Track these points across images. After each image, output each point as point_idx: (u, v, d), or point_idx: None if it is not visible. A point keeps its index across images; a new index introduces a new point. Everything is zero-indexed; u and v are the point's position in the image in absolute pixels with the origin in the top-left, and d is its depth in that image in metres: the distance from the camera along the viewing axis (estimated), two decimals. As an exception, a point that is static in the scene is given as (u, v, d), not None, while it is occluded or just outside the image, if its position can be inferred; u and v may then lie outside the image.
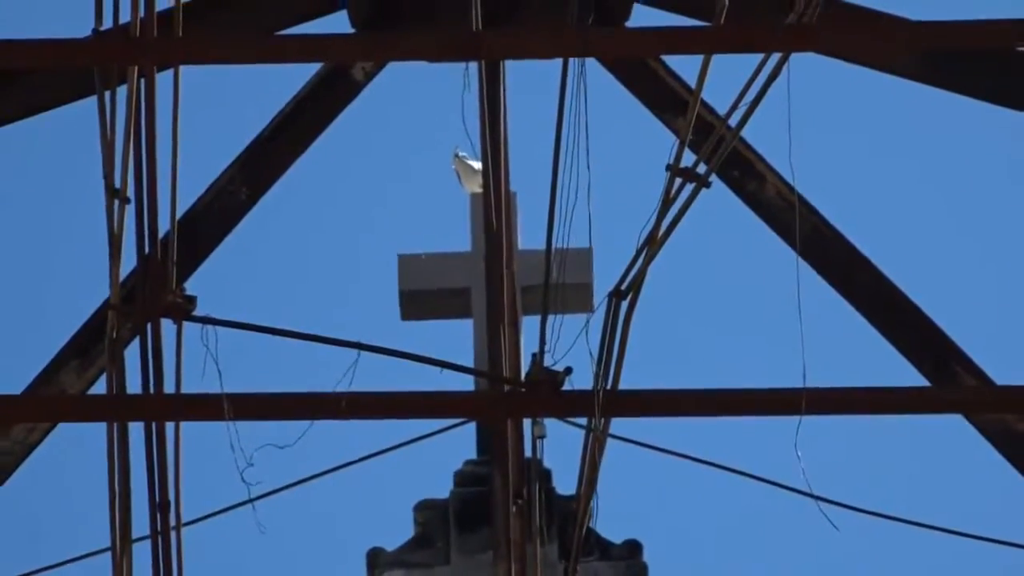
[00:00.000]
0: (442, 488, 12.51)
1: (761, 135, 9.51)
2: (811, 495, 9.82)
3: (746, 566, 15.54)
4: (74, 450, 9.86)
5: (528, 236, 10.55)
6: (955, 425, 9.94)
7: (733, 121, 9.23)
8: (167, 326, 9.34)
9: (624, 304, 9.30)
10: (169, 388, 9.39)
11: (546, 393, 9.62)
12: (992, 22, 9.51)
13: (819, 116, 9.80)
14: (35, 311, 10.60)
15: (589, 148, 9.43)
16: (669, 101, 9.89)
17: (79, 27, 9.24)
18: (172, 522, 9.63)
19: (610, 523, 11.94)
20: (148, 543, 9.65)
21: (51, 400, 9.67)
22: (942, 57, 10.05)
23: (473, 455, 12.21)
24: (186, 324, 9.36)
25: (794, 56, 9.07)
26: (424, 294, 11.99)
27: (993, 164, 10.94)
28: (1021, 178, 11.00)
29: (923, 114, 10.59)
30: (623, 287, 9.30)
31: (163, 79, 8.98)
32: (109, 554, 9.60)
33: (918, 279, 9.90)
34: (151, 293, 9.21)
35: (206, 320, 9.37)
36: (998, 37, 9.66)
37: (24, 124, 10.25)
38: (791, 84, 9.10)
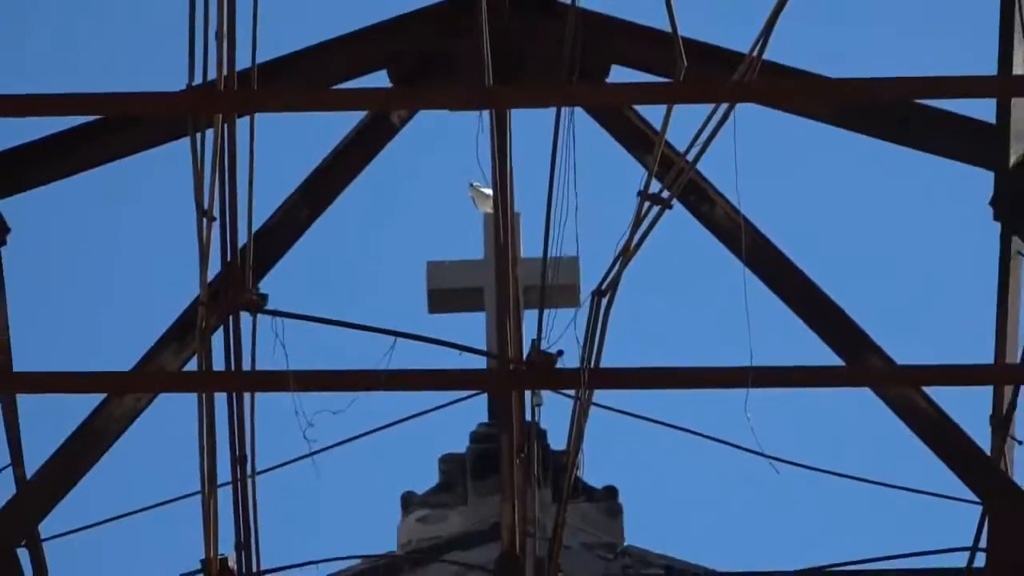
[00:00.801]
0: (461, 444, 12.72)
1: (713, 167, 9.51)
2: (757, 452, 9.72)
3: (702, 506, 15.49)
4: (172, 415, 9.86)
5: (529, 247, 10.62)
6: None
7: (690, 156, 9.20)
8: (245, 318, 9.42)
9: (604, 301, 9.34)
10: (246, 366, 9.46)
11: (543, 371, 9.74)
12: (888, 79, 9.39)
13: (759, 153, 9.89)
14: (143, 306, 10.45)
15: (577, 178, 9.44)
16: (639, 141, 9.87)
17: (174, 81, 9.07)
18: (248, 472, 9.68)
19: (593, 472, 11.99)
20: (229, 488, 9.61)
21: (155, 375, 9.71)
22: (852, 106, 10.07)
23: (485, 419, 12.29)
24: (259, 316, 9.44)
25: (739, 105, 9.01)
26: (446, 292, 12.13)
27: (893, 188, 10.84)
28: (915, 201, 10.85)
29: (838, 151, 10.55)
30: (603, 287, 9.35)
31: (243, 122, 9.00)
32: (199, 497, 9.47)
33: (835, 281, 9.87)
34: (232, 292, 9.32)
35: (275, 313, 9.46)
36: (893, 91, 9.53)
37: (134, 159, 10.22)
38: (736, 127, 9.03)
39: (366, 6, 10.66)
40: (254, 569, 9.69)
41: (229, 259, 9.27)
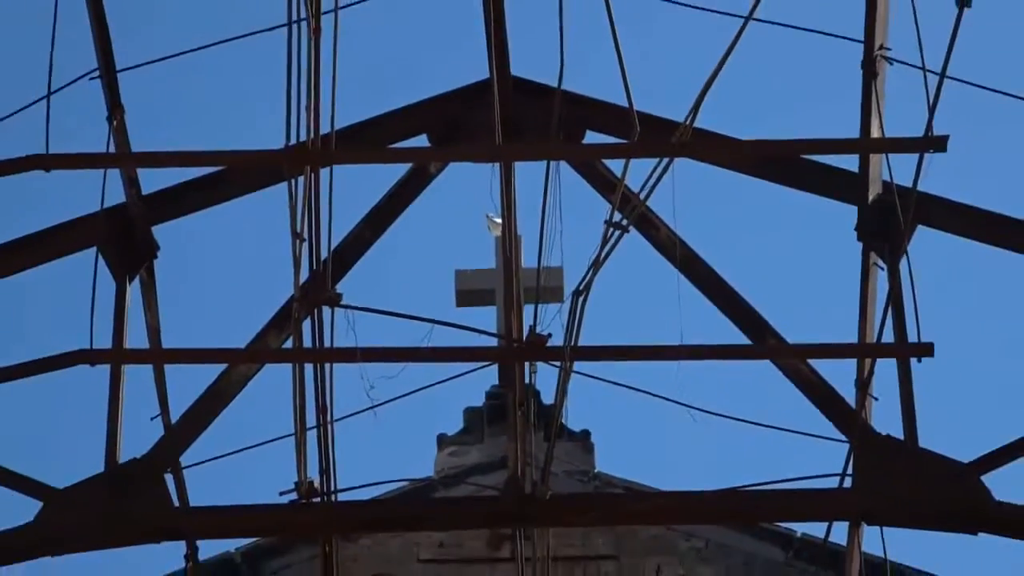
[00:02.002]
0: (479, 400, 12.99)
1: (657, 203, 9.51)
2: (687, 405, 9.76)
3: (651, 444, 15.60)
4: (274, 379, 9.88)
5: (527, 260, 10.65)
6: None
7: (642, 195, 9.29)
8: (325, 311, 9.36)
9: (580, 299, 9.33)
10: (326, 344, 9.41)
11: (537, 348, 9.73)
12: (782, 140, 9.71)
13: (691, 192, 9.99)
14: (255, 302, 10.51)
15: (561, 210, 9.60)
16: (606, 184, 9.91)
17: (275, 141, 9.08)
18: (328, 419, 9.62)
19: (573, 420, 12.17)
20: (314, 432, 9.55)
21: (262, 351, 9.79)
22: (757, 159, 10.12)
23: (496, 382, 12.58)
24: (336, 309, 9.37)
25: (677, 159, 9.09)
26: (469, 292, 12.41)
27: (790, 218, 10.92)
28: (805, 227, 10.90)
29: (753, 191, 10.56)
30: (580, 289, 9.34)
31: (324, 171, 8.98)
32: (292, 438, 9.48)
33: (744, 282, 9.94)
34: (316, 292, 9.30)
35: (346, 306, 9.37)
36: (786, 149, 9.84)
37: (247, 198, 10.28)
38: (675, 175, 9.11)
39: (412, 90, 10.42)
40: (332, 488, 9.68)
41: (314, 268, 9.23)
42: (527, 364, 10.48)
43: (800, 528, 12.03)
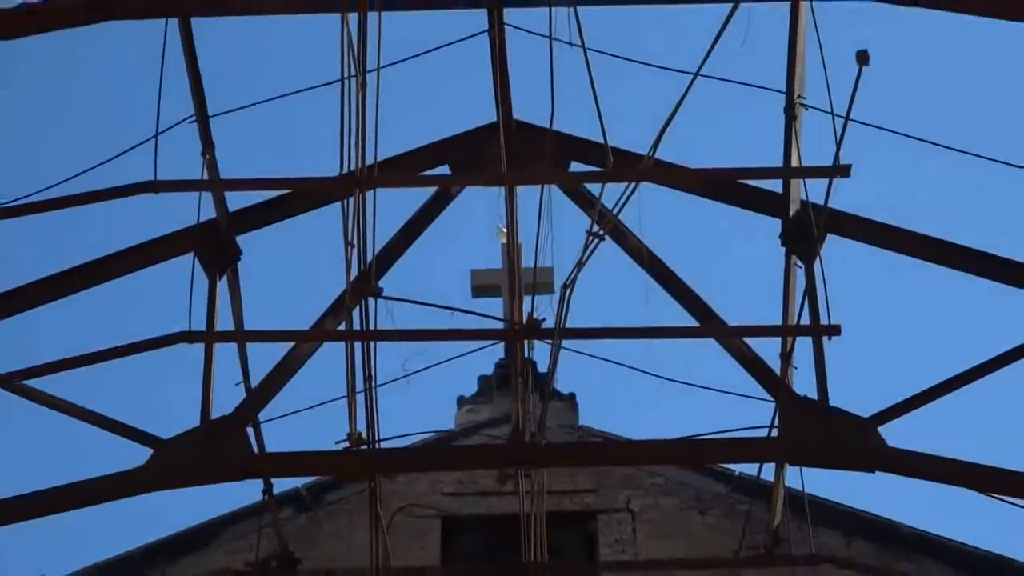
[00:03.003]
0: (489, 369, 13.04)
1: (627, 217, 9.48)
2: (651, 373, 9.86)
3: (624, 405, 15.51)
4: (329, 355, 9.79)
5: (527, 262, 10.49)
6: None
7: (615, 211, 9.33)
8: (371, 301, 9.31)
9: (567, 291, 9.34)
10: (372, 327, 9.34)
11: (533, 329, 9.76)
12: (722, 169, 9.77)
13: (654, 208, 9.94)
14: (315, 295, 10.38)
15: (552, 223, 9.80)
16: (586, 202, 9.82)
17: (331, 169, 8.97)
18: (373, 384, 9.41)
19: (562, 385, 12.43)
20: (362, 395, 9.34)
21: (322, 331, 9.70)
22: (705, 183, 10.05)
23: (503, 355, 12.59)
24: (379, 300, 9.33)
25: (643, 184, 9.18)
26: (482, 286, 12.35)
27: (729, 229, 10.74)
28: (739, 234, 10.74)
29: (704, 207, 10.40)
30: (567, 284, 9.38)
31: (370, 193, 8.92)
32: (344, 400, 9.40)
33: (693, 277, 9.86)
34: (363, 287, 9.28)
35: (387, 297, 9.35)
36: (725, 176, 9.86)
37: (310, 214, 10.20)
38: (641, 196, 9.25)
39: (436, 130, 10.35)
40: (375, 438, 9.61)
41: (362, 268, 9.18)
42: (526, 342, 10.41)
43: (738, 468, 12.03)
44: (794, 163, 9.68)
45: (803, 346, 9.86)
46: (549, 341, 9.86)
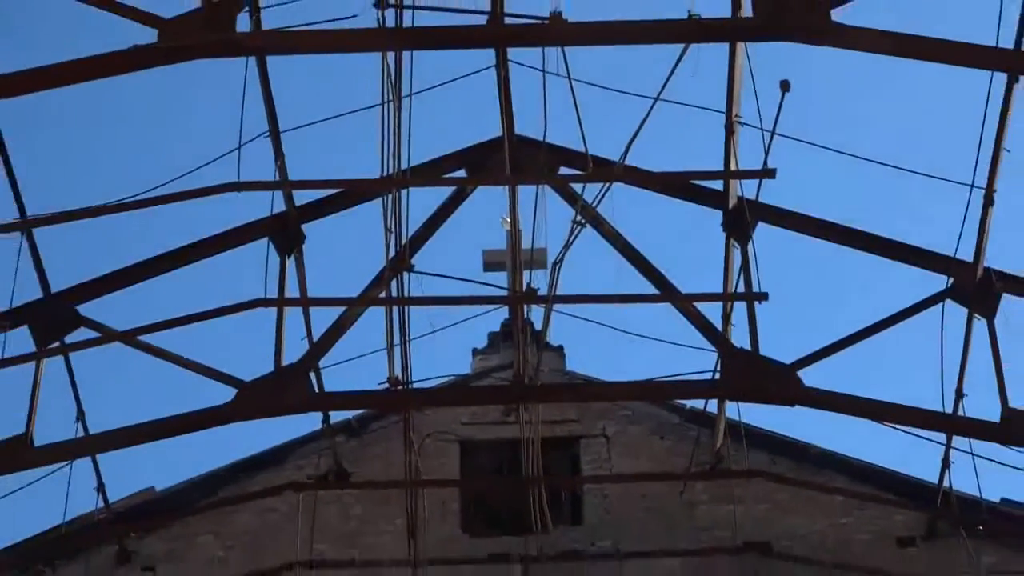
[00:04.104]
0: (496, 327, 12.78)
1: (603, 209, 9.51)
2: (622, 330, 9.94)
3: (607, 355, 15.11)
4: (373, 317, 9.75)
5: (525, 243, 10.37)
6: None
7: (595, 205, 9.45)
8: (406, 275, 9.35)
9: (558, 267, 9.53)
10: (406, 295, 9.39)
11: (530, 296, 9.88)
12: (677, 172, 9.70)
13: (626, 203, 9.84)
14: (361, 270, 10.22)
15: (546, 214, 9.83)
16: (572, 197, 9.74)
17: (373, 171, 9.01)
18: (407, 339, 9.42)
19: (553, 339, 12.11)
20: (398, 348, 9.39)
21: (367, 299, 9.54)
22: (665, 183, 9.84)
23: (507, 316, 12.39)
24: (412, 274, 9.38)
25: (616, 184, 9.33)
26: (491, 262, 11.94)
27: (685, 217, 10.23)
28: (689, 223, 10.58)
29: (664, 205, 10.05)
30: (556, 261, 9.55)
31: (405, 192, 8.91)
32: (384, 353, 9.50)
33: (657, 256, 9.74)
34: (400, 263, 9.28)
35: (419, 272, 9.39)
36: (678, 179, 9.77)
37: (358, 207, 10.06)
38: (614, 193, 9.40)
39: (455, 141, 10.24)
40: (409, 380, 9.57)
41: (398, 249, 9.21)
42: (525, 306, 10.53)
43: (689, 403, 11.86)
44: (732, 167, 9.70)
45: (740, 309, 9.77)
46: (543, 305, 9.99)
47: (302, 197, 9.97)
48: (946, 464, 10.47)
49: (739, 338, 9.78)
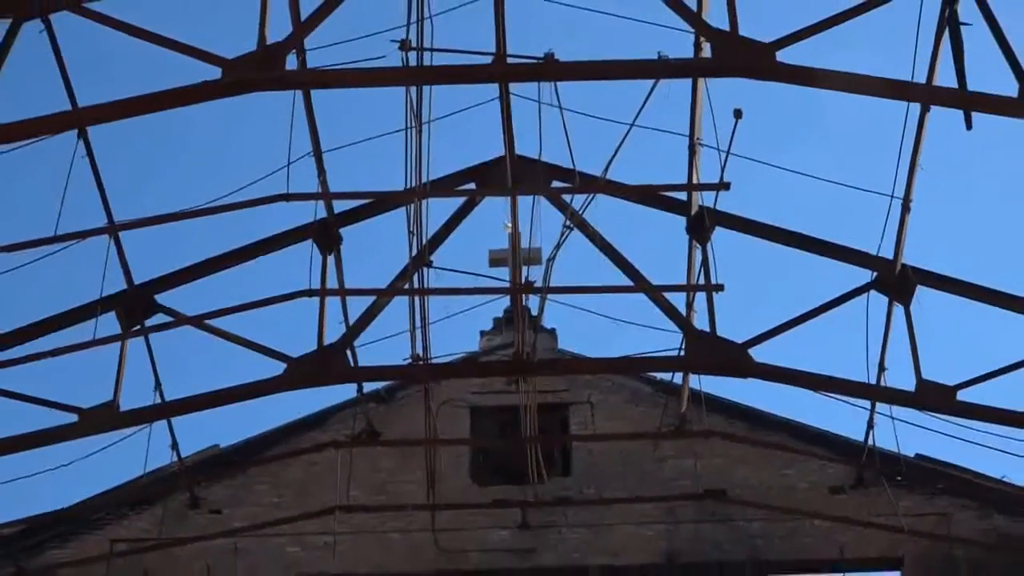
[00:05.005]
0: (499, 312, 12.64)
1: (589, 215, 9.31)
2: (600, 314, 9.74)
3: (591, 336, 14.96)
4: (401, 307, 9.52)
5: (524, 244, 10.18)
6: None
7: (581, 211, 9.32)
8: (426, 271, 9.31)
9: (551, 263, 9.44)
10: (425, 286, 9.33)
11: (527, 288, 9.81)
12: (645, 185, 9.54)
13: (606, 211, 9.62)
14: (389, 266, 9.99)
15: (541, 218, 9.67)
16: (563, 205, 9.59)
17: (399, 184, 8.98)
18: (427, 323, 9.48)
19: (547, 322, 12.07)
20: (419, 331, 9.39)
21: (394, 290, 9.36)
22: (644, 193, 9.75)
23: (508, 304, 12.26)
24: (432, 270, 9.35)
25: (599, 195, 9.21)
26: (496, 259, 11.49)
27: (661, 223, 10.35)
28: (668, 229, 10.13)
29: (638, 212, 9.78)
30: (550, 258, 9.46)
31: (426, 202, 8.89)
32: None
33: (632, 253, 9.58)
34: (421, 260, 9.22)
35: (438, 267, 9.38)
36: (646, 190, 9.67)
37: (386, 214, 9.97)
38: (597, 202, 9.29)
39: (465, 159, 10.15)
40: (428, 357, 9.49)
41: (420, 248, 9.20)
42: (523, 295, 10.36)
43: (659, 375, 11.73)
44: (694, 181, 9.70)
45: (701, 298, 9.70)
46: (538, 295, 9.86)
47: (340, 206, 9.90)
48: (870, 425, 10.59)
49: (700, 322, 9.81)
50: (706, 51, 7.93)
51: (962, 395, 8.98)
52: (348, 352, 9.34)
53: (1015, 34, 7.37)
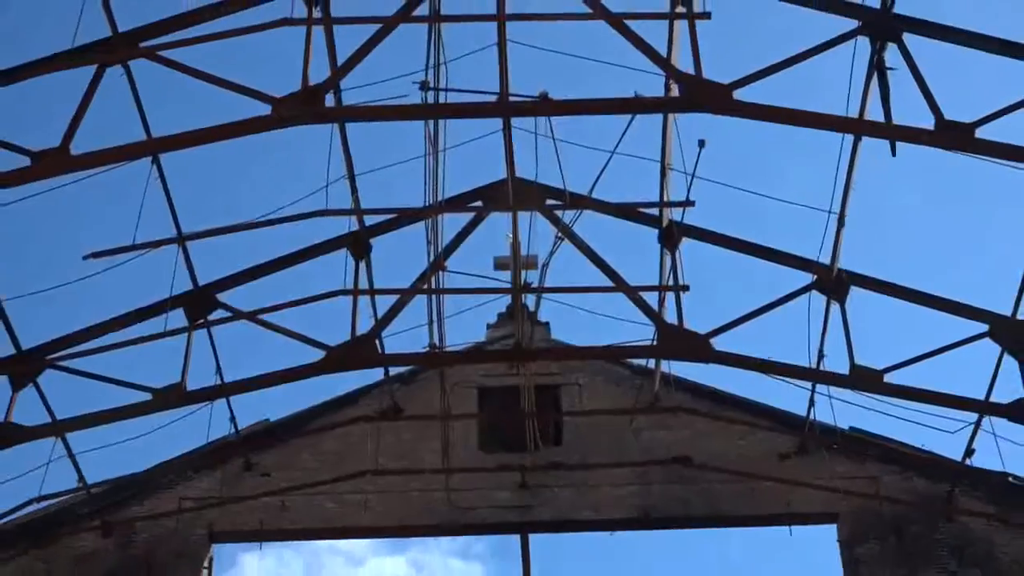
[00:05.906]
0: (503, 308, 12.31)
1: (577, 228, 9.17)
2: (589, 310, 9.75)
3: (580, 329, 14.11)
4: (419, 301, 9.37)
5: (524, 251, 9.98)
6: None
7: (571, 225, 9.24)
8: (442, 274, 9.25)
9: (545, 268, 9.44)
10: (441, 286, 9.28)
11: (526, 287, 9.78)
12: (635, 203, 9.57)
13: (592, 225, 9.34)
14: (411, 271, 9.77)
15: (537, 231, 9.65)
16: (556, 220, 9.48)
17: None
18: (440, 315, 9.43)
19: (542, 316, 11.68)
20: (436, 325, 9.47)
21: (416, 289, 9.34)
22: (622, 212, 9.71)
23: (509, 301, 11.80)
24: (447, 273, 9.31)
25: (585, 212, 9.13)
26: (500, 264, 11.34)
27: (641, 234, 10.26)
28: (646, 240, 10.09)
29: (617, 226, 9.59)
30: (545, 263, 9.45)
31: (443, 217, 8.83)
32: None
33: (614, 259, 9.44)
34: (437, 265, 9.16)
35: (450, 270, 9.31)
36: (625, 210, 9.64)
37: (409, 228, 9.90)
38: (583, 218, 9.17)
39: (473, 180, 10.00)
40: (444, 346, 9.47)
41: (436, 256, 9.19)
42: (522, 295, 10.31)
43: (636, 361, 11.79)
44: (665, 199, 9.72)
45: (670, 297, 9.68)
46: (535, 294, 9.92)
47: (370, 220, 9.83)
48: (812, 403, 10.56)
49: (670, 316, 9.71)
50: (675, 91, 7.98)
51: (889, 377, 9.11)
52: (376, 342, 9.34)
53: (932, 77, 7.58)
